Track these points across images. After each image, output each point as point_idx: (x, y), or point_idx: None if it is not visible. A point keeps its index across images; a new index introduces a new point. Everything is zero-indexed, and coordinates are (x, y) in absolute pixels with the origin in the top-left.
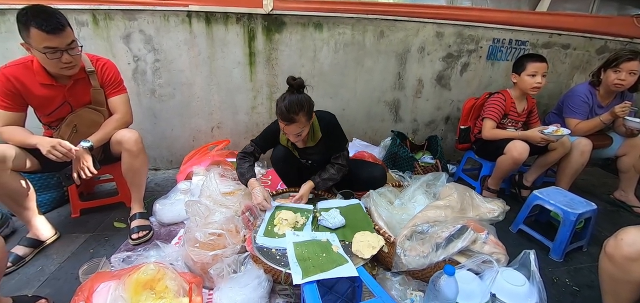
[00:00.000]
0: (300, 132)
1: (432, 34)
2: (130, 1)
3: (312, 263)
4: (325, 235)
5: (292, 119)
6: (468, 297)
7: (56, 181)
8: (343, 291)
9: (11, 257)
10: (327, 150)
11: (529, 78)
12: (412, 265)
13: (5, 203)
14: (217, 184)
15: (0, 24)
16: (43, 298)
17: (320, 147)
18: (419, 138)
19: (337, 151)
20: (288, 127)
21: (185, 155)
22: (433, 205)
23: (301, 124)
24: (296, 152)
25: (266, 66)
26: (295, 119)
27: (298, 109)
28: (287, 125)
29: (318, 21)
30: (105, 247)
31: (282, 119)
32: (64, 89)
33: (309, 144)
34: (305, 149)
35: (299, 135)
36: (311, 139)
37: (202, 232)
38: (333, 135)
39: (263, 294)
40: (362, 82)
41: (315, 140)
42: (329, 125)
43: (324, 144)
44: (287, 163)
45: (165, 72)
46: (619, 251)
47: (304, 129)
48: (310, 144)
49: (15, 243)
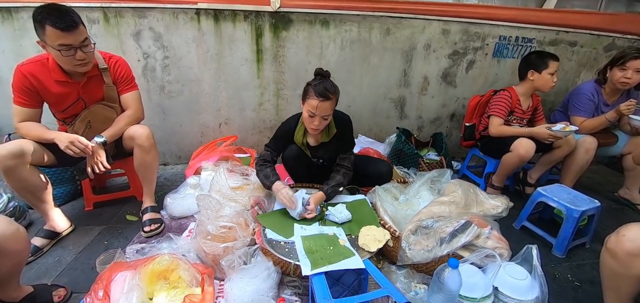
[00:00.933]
0: (327, 116)
1: (438, 31)
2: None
3: (320, 255)
4: (332, 229)
5: (329, 96)
6: (471, 290)
7: (70, 175)
8: (349, 283)
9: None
10: (337, 149)
11: (549, 76)
12: (416, 259)
13: (24, 196)
14: (226, 179)
15: (14, 22)
16: (62, 287)
17: (333, 144)
18: (424, 135)
19: (346, 151)
20: (323, 103)
21: (193, 150)
22: (437, 201)
23: (332, 106)
24: (308, 151)
25: (273, 63)
26: (330, 97)
27: (333, 89)
28: (323, 101)
29: (325, 18)
30: (119, 238)
31: (320, 95)
32: (78, 85)
33: (323, 139)
34: (317, 148)
35: (325, 119)
36: (326, 134)
37: (213, 224)
38: (346, 134)
39: (272, 285)
40: (368, 79)
41: (329, 136)
42: (344, 124)
43: (337, 141)
44: (298, 161)
45: (175, 68)
46: (620, 247)
47: (330, 114)
48: (324, 139)
49: (33, 235)
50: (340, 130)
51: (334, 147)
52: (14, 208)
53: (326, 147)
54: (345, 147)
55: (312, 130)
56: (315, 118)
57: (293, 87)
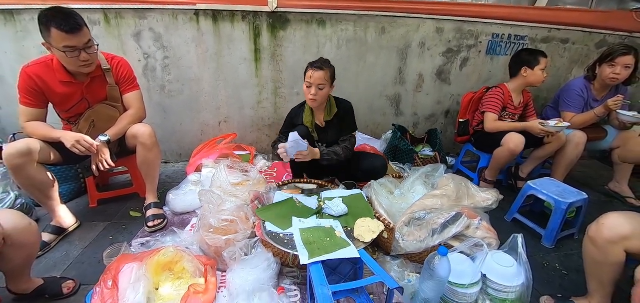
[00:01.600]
0: (322, 85)
1: (432, 30)
2: (141, 0)
3: (318, 246)
4: (329, 222)
5: (321, 67)
6: (460, 277)
7: (74, 173)
8: (346, 272)
9: None
10: (340, 131)
11: (541, 72)
12: (410, 249)
13: (32, 193)
14: (226, 176)
15: (16, 23)
16: (71, 280)
17: (335, 125)
18: (419, 131)
19: (348, 132)
20: (316, 72)
21: (194, 148)
22: (430, 195)
23: (326, 76)
24: (316, 133)
25: (271, 62)
26: (323, 67)
27: (327, 62)
28: (316, 70)
29: (321, 18)
30: (124, 234)
31: (313, 66)
32: (82, 86)
33: (326, 118)
34: (323, 130)
35: (321, 89)
36: (328, 113)
37: (216, 218)
38: (347, 116)
39: (272, 275)
40: (364, 77)
41: (331, 115)
42: (346, 107)
43: (339, 122)
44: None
45: (175, 68)
46: (600, 235)
47: (325, 86)
48: (327, 118)
49: (41, 231)
50: (342, 110)
51: (337, 128)
52: (21, 206)
53: (330, 128)
54: (347, 128)
55: (311, 101)
56: (312, 87)
57: (291, 85)
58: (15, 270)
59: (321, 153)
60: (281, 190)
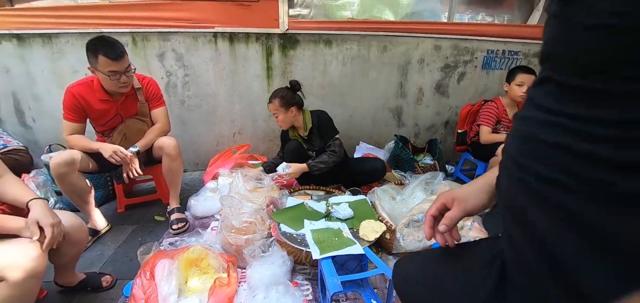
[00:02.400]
0: (276, 113)
1: (430, 47)
2: (165, 25)
3: (327, 244)
4: (337, 224)
5: (271, 100)
6: None
7: (103, 181)
8: (352, 268)
9: None
10: (321, 137)
11: (517, 87)
12: (409, 248)
13: (73, 198)
14: (243, 183)
15: (53, 46)
16: (108, 274)
17: (315, 134)
18: (420, 141)
19: (329, 137)
20: (269, 104)
21: (209, 158)
22: (428, 199)
23: (276, 106)
24: (305, 144)
25: (282, 78)
26: (272, 99)
27: (276, 93)
28: (269, 103)
29: (328, 38)
30: (150, 236)
31: (269, 100)
32: (117, 103)
33: (304, 133)
34: (308, 139)
35: (277, 116)
36: (304, 129)
37: (237, 220)
38: (323, 123)
39: (286, 271)
40: (368, 91)
41: (306, 130)
42: (320, 118)
43: (317, 131)
44: (296, 154)
45: (194, 85)
46: None
47: (280, 113)
48: (304, 133)
49: None
50: (317, 122)
51: (317, 136)
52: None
53: (313, 137)
54: (326, 134)
55: (280, 125)
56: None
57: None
58: (65, 264)
59: (309, 166)
60: (292, 195)
